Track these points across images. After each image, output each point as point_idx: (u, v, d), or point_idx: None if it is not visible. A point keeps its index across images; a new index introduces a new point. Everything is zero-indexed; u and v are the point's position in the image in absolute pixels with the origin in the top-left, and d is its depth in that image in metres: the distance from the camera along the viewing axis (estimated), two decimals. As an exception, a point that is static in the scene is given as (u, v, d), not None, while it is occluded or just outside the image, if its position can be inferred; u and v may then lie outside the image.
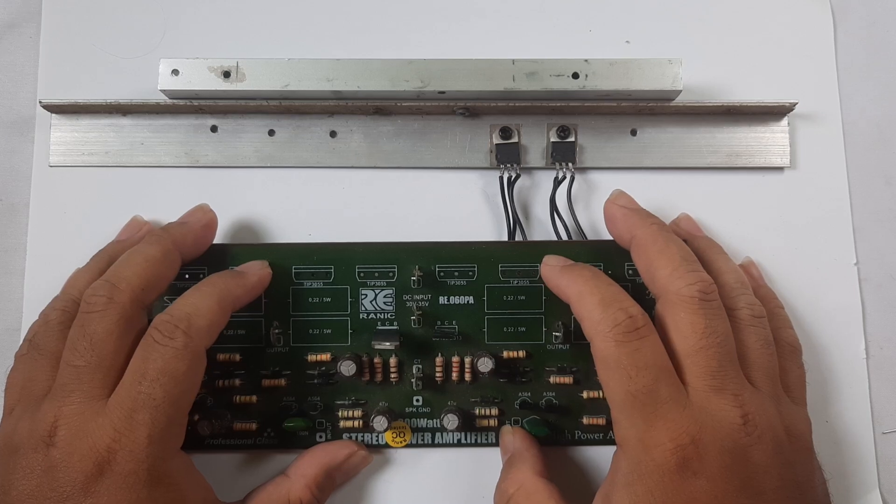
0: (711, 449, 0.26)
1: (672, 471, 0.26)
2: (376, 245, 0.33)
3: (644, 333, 0.27)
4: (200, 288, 0.30)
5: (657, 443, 0.26)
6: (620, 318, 0.27)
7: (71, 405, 0.27)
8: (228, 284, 0.30)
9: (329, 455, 0.32)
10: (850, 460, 0.34)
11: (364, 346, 0.33)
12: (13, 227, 0.36)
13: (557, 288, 0.31)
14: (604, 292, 0.28)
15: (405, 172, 0.36)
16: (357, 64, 0.34)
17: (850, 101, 0.37)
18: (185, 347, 0.27)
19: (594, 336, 0.28)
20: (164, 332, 0.27)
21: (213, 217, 0.33)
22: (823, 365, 0.35)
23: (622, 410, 0.27)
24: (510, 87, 0.33)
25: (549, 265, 0.32)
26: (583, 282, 0.29)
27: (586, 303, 0.28)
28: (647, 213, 0.32)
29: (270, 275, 0.32)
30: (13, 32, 0.37)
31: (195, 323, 0.28)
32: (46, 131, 0.36)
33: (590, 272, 0.30)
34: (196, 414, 0.32)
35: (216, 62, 0.34)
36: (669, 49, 0.37)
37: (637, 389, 0.26)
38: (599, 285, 0.29)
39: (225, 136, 0.36)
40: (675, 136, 0.36)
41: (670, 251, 0.29)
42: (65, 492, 0.26)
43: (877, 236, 0.36)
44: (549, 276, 0.31)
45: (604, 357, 0.27)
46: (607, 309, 0.28)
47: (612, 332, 0.27)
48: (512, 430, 0.33)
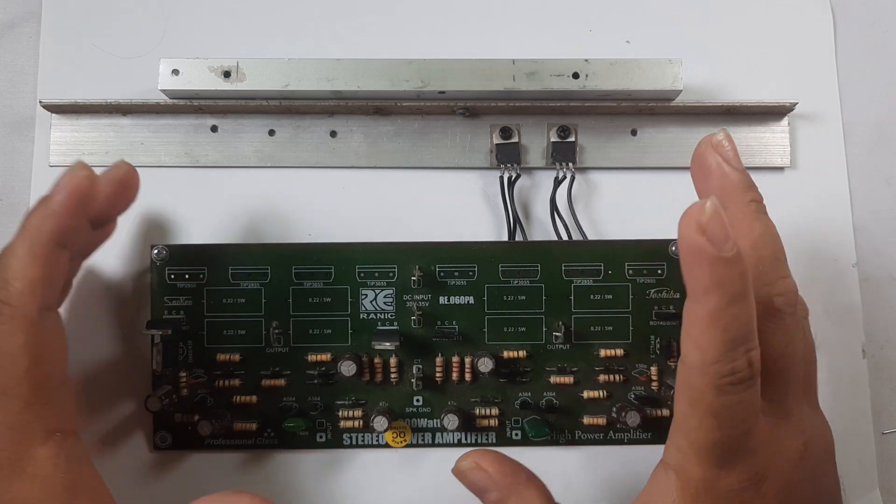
0: (774, 484, 0.24)
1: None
2: (376, 245, 0.33)
3: (753, 383, 0.23)
4: (12, 243, 0.26)
5: (724, 485, 0.23)
6: (740, 368, 0.22)
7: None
8: (36, 224, 0.25)
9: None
10: (850, 460, 0.34)
11: (364, 347, 0.33)
12: (13, 227, 0.36)
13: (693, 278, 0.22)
14: (739, 329, 0.22)
15: (405, 172, 0.36)
16: (357, 64, 0.34)
17: (850, 101, 0.37)
18: (11, 320, 0.24)
19: (699, 373, 0.22)
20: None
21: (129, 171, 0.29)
22: (823, 365, 0.35)
23: (697, 451, 0.23)
24: (510, 87, 0.33)
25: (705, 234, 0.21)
26: (727, 301, 0.21)
27: (713, 333, 0.22)
28: (749, 183, 0.26)
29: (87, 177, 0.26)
30: (13, 32, 0.37)
31: (13, 289, 0.24)
32: (46, 131, 0.36)
33: (741, 286, 0.22)
34: (196, 414, 0.33)
35: (216, 62, 0.34)
36: (669, 49, 0.37)
37: (723, 441, 0.23)
38: (739, 317, 0.22)
39: (225, 136, 0.36)
40: (675, 136, 0.36)
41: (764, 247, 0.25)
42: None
43: (877, 236, 0.36)
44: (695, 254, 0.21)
45: (697, 398, 0.23)
46: (730, 353, 0.22)
47: (724, 380, 0.22)
48: (474, 462, 0.26)
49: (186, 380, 0.32)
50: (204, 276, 0.33)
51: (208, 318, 0.33)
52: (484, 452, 0.26)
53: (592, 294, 0.33)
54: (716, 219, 0.21)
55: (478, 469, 0.26)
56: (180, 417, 0.33)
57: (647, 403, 0.33)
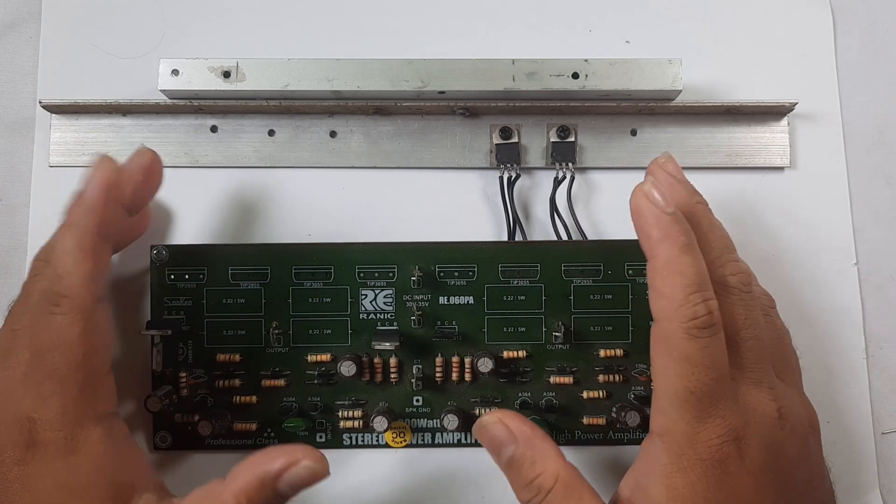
0: (753, 444, 0.26)
1: (714, 465, 0.25)
2: (376, 245, 0.33)
3: (717, 330, 0.26)
4: (59, 238, 0.27)
5: (704, 439, 0.25)
6: (701, 312, 0.25)
7: (4, 371, 0.27)
8: (78, 219, 0.27)
9: (264, 464, 0.26)
10: (850, 460, 0.35)
11: (364, 347, 0.33)
12: (13, 227, 0.36)
13: (646, 237, 0.26)
14: (694, 274, 0.25)
15: (405, 172, 0.36)
16: (357, 64, 0.34)
17: (850, 101, 0.37)
18: (71, 311, 0.26)
19: (666, 320, 0.26)
20: (47, 300, 0.26)
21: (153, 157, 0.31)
22: (823, 365, 0.35)
23: (675, 403, 0.26)
24: (510, 87, 0.33)
25: (648, 199, 0.26)
26: (678, 251, 0.26)
27: (672, 280, 0.25)
28: (693, 189, 0.29)
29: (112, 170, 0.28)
30: (13, 32, 0.37)
31: (70, 282, 0.26)
32: (46, 131, 0.36)
33: (686, 239, 0.26)
34: (196, 414, 0.33)
35: (216, 62, 0.34)
36: (669, 49, 0.37)
37: (698, 387, 0.25)
38: (691, 264, 0.26)
39: (225, 136, 0.36)
40: (675, 136, 0.36)
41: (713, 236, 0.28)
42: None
43: (877, 236, 0.36)
44: (643, 216, 0.26)
45: (670, 346, 0.26)
46: (691, 297, 0.25)
47: (689, 324, 0.25)
48: (499, 418, 0.28)
49: (186, 380, 0.32)
50: (204, 277, 0.33)
51: (208, 319, 0.33)
52: (506, 411, 0.28)
53: (592, 294, 0.33)
54: (656, 187, 0.26)
55: (500, 423, 0.28)
56: (180, 417, 0.33)
57: (647, 403, 0.33)
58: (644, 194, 0.26)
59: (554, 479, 0.27)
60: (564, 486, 0.26)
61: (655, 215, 0.26)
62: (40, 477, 0.26)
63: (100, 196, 0.27)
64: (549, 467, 0.27)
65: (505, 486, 0.33)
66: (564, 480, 0.27)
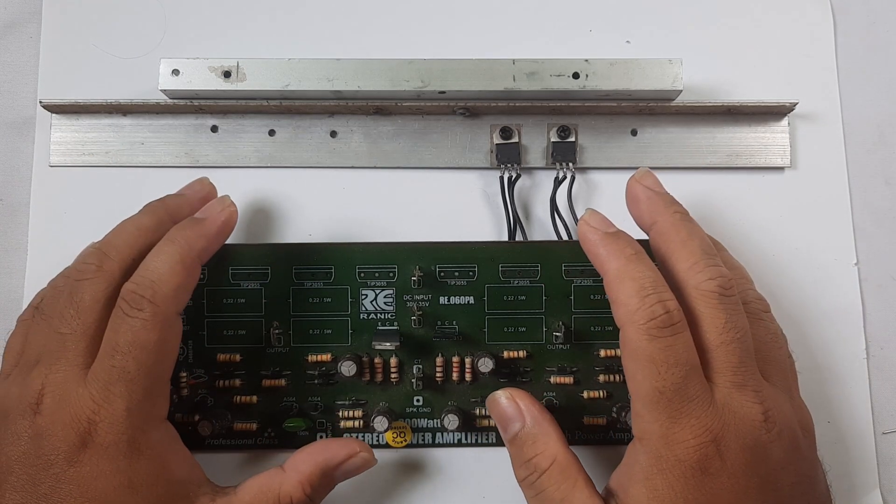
0: (733, 446, 0.26)
1: (694, 467, 0.25)
2: (376, 245, 0.33)
3: (679, 329, 0.26)
4: (162, 249, 0.29)
5: (680, 440, 0.26)
6: (658, 312, 0.26)
7: (57, 373, 0.27)
8: (189, 239, 0.29)
9: (327, 454, 0.30)
10: (850, 460, 0.35)
11: (364, 347, 0.33)
12: (13, 227, 0.36)
13: (595, 257, 0.28)
14: (644, 278, 0.27)
15: (405, 172, 0.36)
16: (357, 64, 0.34)
17: (850, 101, 0.37)
18: (153, 317, 0.27)
19: (627, 325, 0.27)
20: (130, 302, 0.27)
21: (212, 189, 0.33)
22: (824, 365, 0.35)
23: (646, 405, 0.26)
24: (510, 87, 0.33)
25: (590, 226, 0.29)
26: (624, 260, 0.27)
27: (624, 287, 0.27)
28: (671, 199, 0.31)
29: (236, 213, 0.31)
30: (13, 32, 0.37)
31: (160, 290, 0.27)
32: (46, 131, 0.36)
33: (632, 250, 0.28)
34: (196, 414, 0.33)
35: (216, 62, 0.34)
36: (669, 49, 0.37)
37: (665, 386, 0.26)
38: (641, 269, 0.27)
39: (225, 136, 0.36)
40: (675, 136, 0.36)
41: (692, 243, 0.28)
42: (49, 459, 0.26)
43: (877, 236, 0.36)
44: (588, 241, 0.29)
45: (634, 349, 0.26)
46: (646, 299, 0.26)
47: (648, 325, 0.26)
48: (510, 395, 0.30)
49: (187, 380, 0.32)
50: (204, 276, 0.33)
51: (208, 319, 0.33)
52: (518, 390, 0.30)
53: (592, 294, 0.33)
54: (595, 215, 0.29)
55: (511, 400, 0.29)
56: (181, 417, 0.33)
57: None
58: (585, 223, 0.29)
59: (551, 460, 0.28)
60: (560, 469, 0.28)
61: (599, 237, 0.28)
62: (96, 478, 0.26)
63: (217, 228, 0.30)
64: (548, 449, 0.28)
65: (505, 487, 0.33)
66: (561, 464, 0.28)
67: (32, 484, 0.26)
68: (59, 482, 0.26)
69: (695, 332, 0.27)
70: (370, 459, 0.31)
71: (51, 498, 0.26)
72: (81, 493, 0.26)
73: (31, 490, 0.26)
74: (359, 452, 0.30)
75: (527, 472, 0.28)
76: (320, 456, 0.30)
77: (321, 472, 0.30)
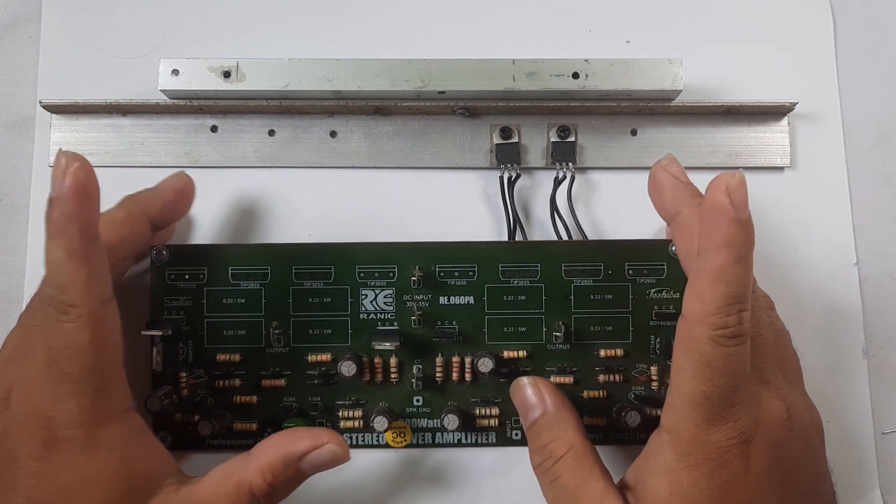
0: (760, 445, 0.26)
1: (721, 465, 0.25)
2: (376, 245, 0.33)
3: (743, 340, 0.25)
4: (49, 249, 0.26)
5: (713, 441, 0.25)
6: (733, 323, 0.25)
7: (23, 369, 0.27)
8: (60, 227, 0.26)
9: (290, 443, 0.28)
10: (850, 460, 0.35)
11: (364, 347, 0.33)
12: (13, 227, 0.36)
13: (708, 233, 0.25)
14: (740, 289, 0.25)
15: (405, 172, 0.36)
16: (357, 64, 0.34)
17: (850, 101, 0.37)
18: (78, 318, 0.26)
19: (698, 323, 0.25)
20: (53, 307, 0.26)
21: (188, 182, 0.33)
22: (824, 365, 0.35)
23: (689, 404, 0.26)
24: (510, 86, 0.33)
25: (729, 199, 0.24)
26: (734, 259, 0.24)
27: (717, 288, 0.24)
28: (696, 191, 0.29)
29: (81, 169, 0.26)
30: (13, 32, 0.37)
31: (72, 290, 0.26)
32: (46, 131, 0.36)
33: (748, 250, 0.24)
34: (196, 414, 0.33)
35: (216, 62, 0.34)
36: (669, 49, 0.37)
37: (714, 393, 0.25)
38: (742, 278, 0.25)
39: (225, 136, 0.36)
40: (675, 136, 0.36)
41: None
42: (14, 454, 0.26)
43: (877, 236, 0.36)
44: (718, 212, 0.24)
45: (695, 348, 0.25)
46: (728, 307, 0.25)
47: (718, 332, 0.25)
48: (534, 382, 0.30)
49: (186, 380, 0.32)
50: (204, 277, 0.33)
51: (208, 319, 0.33)
52: (542, 378, 0.31)
53: (592, 294, 0.33)
54: (741, 186, 0.24)
55: (534, 387, 0.30)
56: (180, 417, 0.33)
57: (647, 403, 0.33)
58: (726, 189, 0.24)
59: (567, 447, 0.28)
60: (576, 457, 0.27)
61: (728, 218, 0.24)
62: (57, 473, 0.26)
63: (74, 201, 0.26)
64: (565, 436, 0.28)
65: (505, 487, 0.33)
66: (577, 452, 0.28)
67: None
68: (22, 476, 0.26)
69: None
70: (340, 454, 0.29)
71: (14, 492, 0.26)
72: (44, 487, 0.26)
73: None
74: (326, 444, 0.28)
75: (542, 458, 0.28)
76: (283, 444, 0.29)
77: (283, 462, 0.28)
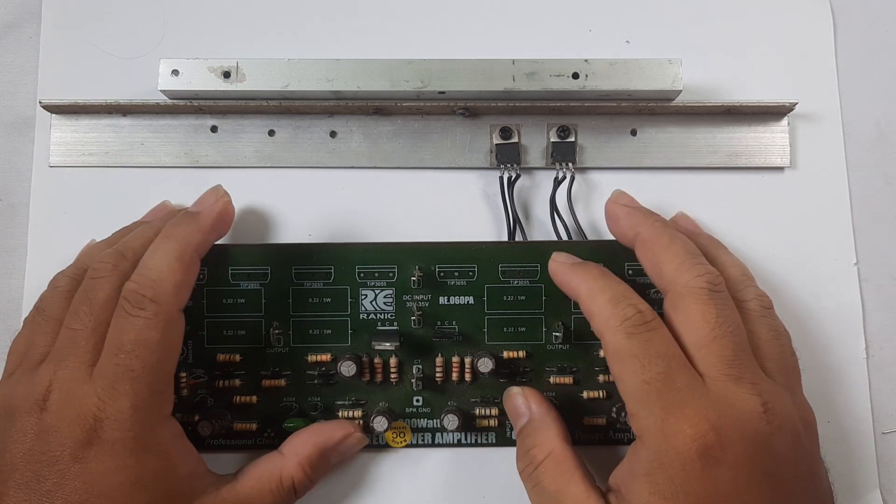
0: (733, 436, 0.26)
1: (693, 458, 0.25)
2: (376, 245, 0.33)
3: (654, 326, 0.27)
4: (159, 247, 0.29)
5: (677, 430, 0.26)
6: (630, 313, 0.27)
7: (65, 370, 0.27)
8: (185, 234, 0.30)
9: (324, 435, 0.31)
10: (850, 460, 0.34)
11: (364, 347, 0.33)
12: (13, 227, 0.36)
13: (567, 285, 0.31)
14: (613, 290, 0.29)
15: (405, 172, 0.36)
16: (357, 64, 0.34)
17: (850, 101, 0.37)
18: (155, 316, 0.27)
19: (605, 331, 0.28)
20: (133, 302, 0.27)
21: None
22: (824, 365, 0.35)
23: (638, 401, 0.27)
24: (510, 87, 0.33)
25: (557, 262, 0.31)
26: (592, 280, 0.29)
27: (597, 300, 0.29)
28: (649, 212, 0.32)
29: (229, 203, 0.32)
30: (13, 32, 0.37)
31: (161, 288, 0.28)
32: (46, 131, 0.36)
33: (599, 270, 0.30)
34: (196, 414, 0.33)
35: (216, 62, 0.34)
36: (669, 49, 0.37)
37: (651, 377, 0.26)
38: (609, 283, 0.29)
39: (225, 136, 0.36)
40: (675, 136, 0.36)
41: (675, 246, 0.29)
42: (55, 456, 0.26)
43: (877, 236, 0.36)
44: (558, 273, 0.31)
45: (616, 350, 0.27)
46: (617, 305, 0.28)
47: (623, 325, 0.27)
48: (523, 392, 0.32)
49: (187, 380, 0.32)
50: (204, 277, 0.33)
51: (208, 319, 0.33)
52: (531, 389, 0.32)
53: (592, 294, 0.33)
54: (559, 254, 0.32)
55: (521, 396, 0.32)
56: (180, 417, 0.33)
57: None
58: (552, 261, 0.31)
59: (546, 452, 0.29)
60: (556, 462, 0.29)
61: (566, 268, 0.31)
62: (100, 475, 0.26)
63: (212, 220, 0.31)
64: (546, 441, 0.30)
65: (505, 487, 0.33)
66: (557, 457, 0.29)
67: (36, 481, 0.26)
68: (63, 479, 0.26)
69: (687, 329, 0.28)
70: (363, 439, 0.33)
71: (54, 494, 0.26)
72: (86, 490, 0.26)
73: (34, 487, 0.26)
74: (353, 433, 0.32)
75: (525, 463, 0.30)
76: (319, 437, 0.31)
77: (320, 454, 0.31)
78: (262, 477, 0.30)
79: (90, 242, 0.34)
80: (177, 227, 0.30)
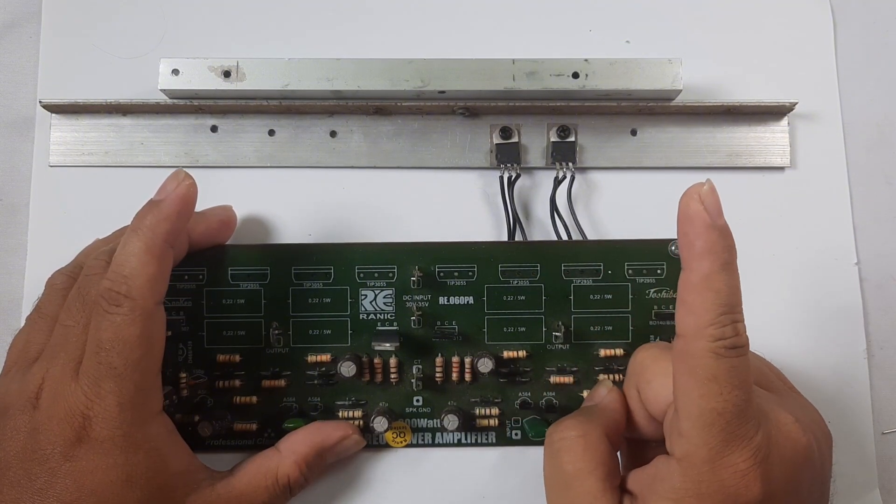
0: (775, 460, 0.24)
1: (734, 494, 0.24)
2: (376, 245, 0.33)
3: (745, 352, 0.24)
4: (128, 242, 0.28)
5: (730, 464, 0.24)
6: (729, 333, 0.24)
7: (55, 367, 0.27)
8: (151, 225, 0.28)
9: (322, 435, 0.31)
10: (850, 460, 0.34)
11: (364, 347, 0.33)
12: (13, 227, 0.36)
13: (688, 243, 0.24)
14: (730, 297, 0.24)
15: (405, 172, 0.36)
16: (357, 64, 0.34)
17: (850, 101, 0.37)
18: (131, 312, 0.27)
19: (694, 337, 0.24)
20: (108, 299, 0.27)
21: (232, 214, 0.34)
22: (824, 365, 0.35)
23: (698, 426, 0.24)
24: (510, 86, 0.33)
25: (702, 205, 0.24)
26: (717, 267, 0.24)
27: (706, 297, 0.24)
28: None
29: (193, 185, 0.29)
30: (13, 32, 0.37)
31: (135, 283, 0.27)
32: (46, 131, 0.36)
33: (729, 257, 0.24)
34: (196, 415, 0.33)
35: (216, 62, 0.34)
36: (669, 49, 0.37)
37: (726, 408, 0.24)
38: (729, 284, 0.24)
39: (225, 136, 0.36)
40: (675, 136, 0.36)
41: None
42: (45, 454, 0.26)
43: (877, 236, 0.36)
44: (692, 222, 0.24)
45: (696, 365, 0.24)
46: (722, 317, 0.24)
47: (717, 344, 0.24)
48: (610, 388, 0.30)
49: (186, 380, 0.32)
50: (203, 277, 0.33)
51: (208, 319, 0.33)
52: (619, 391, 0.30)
53: (592, 294, 0.33)
54: (712, 194, 0.24)
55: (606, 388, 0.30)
56: (180, 418, 0.33)
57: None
58: (698, 199, 0.24)
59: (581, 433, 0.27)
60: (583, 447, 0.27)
61: (705, 225, 0.24)
62: (90, 472, 0.26)
63: (175, 206, 0.28)
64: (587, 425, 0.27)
65: (505, 486, 0.33)
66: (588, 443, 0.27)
67: (28, 479, 0.26)
68: (54, 476, 0.26)
69: None
70: (361, 441, 0.32)
71: (46, 493, 0.26)
72: (77, 488, 0.26)
73: (26, 485, 0.26)
74: (351, 434, 0.32)
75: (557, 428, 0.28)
76: (316, 437, 0.31)
77: (316, 453, 0.31)
78: (257, 473, 0.30)
79: (94, 241, 0.34)
80: (142, 219, 0.28)
